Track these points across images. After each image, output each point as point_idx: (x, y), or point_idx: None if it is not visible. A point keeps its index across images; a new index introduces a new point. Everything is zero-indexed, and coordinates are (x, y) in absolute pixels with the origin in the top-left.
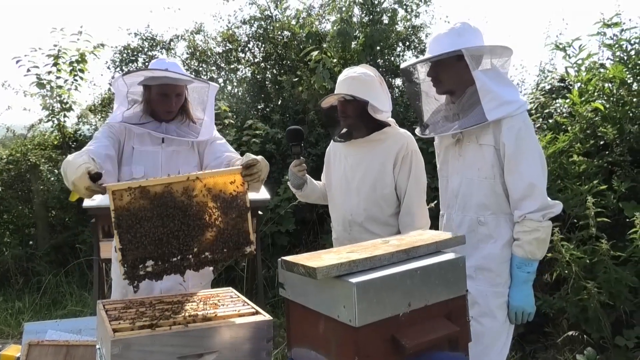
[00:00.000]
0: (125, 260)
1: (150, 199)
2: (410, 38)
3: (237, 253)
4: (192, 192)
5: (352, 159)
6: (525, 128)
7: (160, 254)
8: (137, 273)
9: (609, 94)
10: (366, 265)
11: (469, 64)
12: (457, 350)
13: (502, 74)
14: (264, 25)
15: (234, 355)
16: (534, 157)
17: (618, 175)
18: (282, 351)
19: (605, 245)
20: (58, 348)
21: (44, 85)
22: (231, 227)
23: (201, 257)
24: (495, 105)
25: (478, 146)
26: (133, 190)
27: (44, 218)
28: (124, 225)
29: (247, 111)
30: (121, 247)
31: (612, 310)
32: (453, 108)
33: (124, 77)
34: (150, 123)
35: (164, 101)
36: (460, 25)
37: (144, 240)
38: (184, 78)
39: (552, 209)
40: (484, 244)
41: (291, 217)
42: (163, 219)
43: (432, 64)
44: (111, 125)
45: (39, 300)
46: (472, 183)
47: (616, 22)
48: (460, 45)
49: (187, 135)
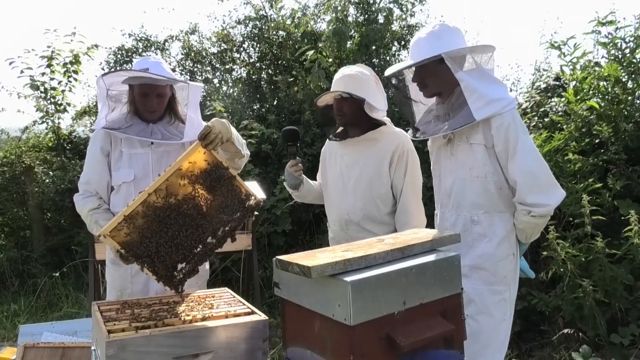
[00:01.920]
0: (160, 277)
1: (142, 218)
2: (406, 37)
3: (246, 210)
4: (174, 190)
5: (348, 158)
6: (514, 124)
7: (183, 254)
8: (175, 280)
9: (604, 92)
10: (361, 264)
11: (450, 67)
12: (453, 348)
13: (487, 71)
14: (259, 25)
15: (230, 356)
16: (527, 150)
17: (613, 174)
18: (279, 351)
19: (600, 243)
20: (54, 350)
21: (38, 86)
22: (226, 194)
23: (219, 234)
24: (482, 104)
25: (469, 145)
26: (122, 223)
27: (39, 220)
28: (136, 252)
29: (243, 111)
30: (150, 270)
31: (608, 308)
32: (443, 108)
33: (103, 77)
34: (136, 125)
35: (144, 101)
36: (438, 27)
37: (160, 253)
38: (161, 79)
39: (552, 203)
40: (478, 242)
41: (287, 217)
42: (164, 227)
43: (416, 70)
44: (96, 142)
45: (35, 303)
46: (464, 182)
47: (611, 20)
48: (440, 48)
49: (173, 137)
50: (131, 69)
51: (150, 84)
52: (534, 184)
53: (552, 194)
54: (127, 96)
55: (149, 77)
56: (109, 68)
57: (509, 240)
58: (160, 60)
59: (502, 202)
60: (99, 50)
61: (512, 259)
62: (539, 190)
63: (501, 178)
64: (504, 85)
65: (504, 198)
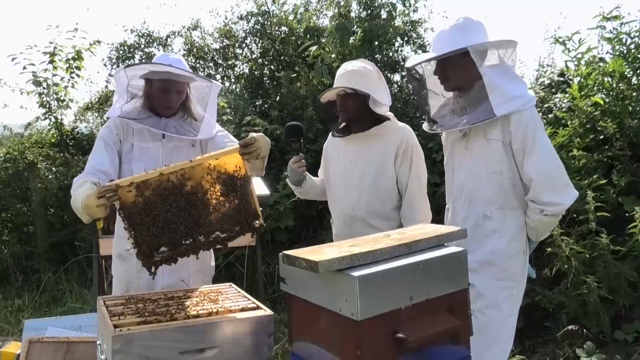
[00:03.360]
0: (141, 251)
1: (153, 190)
2: (409, 33)
3: (248, 228)
4: (193, 178)
5: (352, 153)
6: (533, 122)
7: (171, 240)
8: (152, 260)
9: (608, 88)
10: (368, 259)
11: (475, 61)
12: (459, 344)
13: (509, 67)
14: (261, 20)
15: (235, 350)
16: (544, 148)
17: (618, 170)
18: (282, 346)
19: (604, 239)
20: (58, 345)
21: (41, 82)
22: (238, 205)
23: (211, 238)
24: (503, 100)
25: (485, 141)
26: (136, 185)
27: (42, 216)
28: (133, 218)
29: (245, 107)
30: (134, 240)
31: (612, 304)
32: (461, 102)
33: (126, 69)
34: (150, 118)
35: (164, 97)
36: (462, 20)
37: (153, 229)
38: (187, 75)
39: (566, 202)
40: (489, 238)
41: (290, 214)
42: (168, 207)
43: (438, 62)
44: (109, 128)
45: (39, 298)
46: (479, 177)
47: (616, 15)
48: (465, 41)
49: (187, 133)
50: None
51: (172, 80)
52: (550, 182)
53: (566, 194)
54: (142, 90)
55: (174, 72)
56: (111, 64)
57: (520, 237)
58: (180, 57)
59: (515, 199)
60: (101, 46)
61: (522, 256)
62: (554, 189)
63: (515, 175)
64: (524, 82)
65: (517, 195)
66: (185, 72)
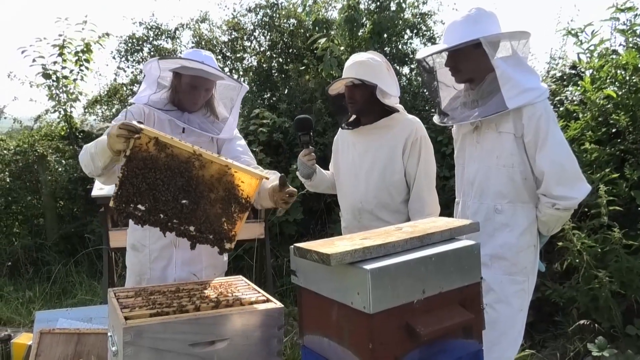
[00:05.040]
0: (119, 194)
1: (168, 156)
2: (418, 25)
3: (217, 243)
4: (205, 169)
5: (361, 146)
6: (546, 115)
7: (150, 205)
8: (124, 207)
9: (621, 80)
10: (380, 252)
11: (488, 52)
12: (471, 337)
13: (522, 59)
14: (270, 13)
15: (245, 343)
16: (557, 142)
17: (630, 164)
18: (291, 339)
19: (617, 234)
20: (69, 336)
21: (50, 75)
22: (224, 219)
23: (183, 227)
24: (515, 93)
25: (497, 134)
26: (160, 142)
27: (52, 208)
28: (133, 164)
29: (254, 100)
30: (119, 182)
31: (623, 299)
32: (472, 94)
33: (160, 61)
34: (174, 111)
35: (192, 93)
36: (475, 11)
37: (143, 185)
38: (218, 74)
39: (578, 197)
40: (499, 232)
41: (299, 207)
42: (169, 179)
43: (450, 54)
44: (131, 112)
45: (49, 290)
46: (490, 171)
47: (629, 6)
48: (477, 32)
49: (209, 130)
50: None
51: (203, 77)
52: (562, 176)
53: (578, 188)
54: (169, 83)
55: (207, 70)
56: (120, 57)
57: (531, 231)
58: (211, 55)
59: (526, 192)
60: (109, 38)
61: (532, 250)
62: (566, 182)
63: (527, 168)
64: (537, 74)
65: (528, 189)
66: (217, 72)
